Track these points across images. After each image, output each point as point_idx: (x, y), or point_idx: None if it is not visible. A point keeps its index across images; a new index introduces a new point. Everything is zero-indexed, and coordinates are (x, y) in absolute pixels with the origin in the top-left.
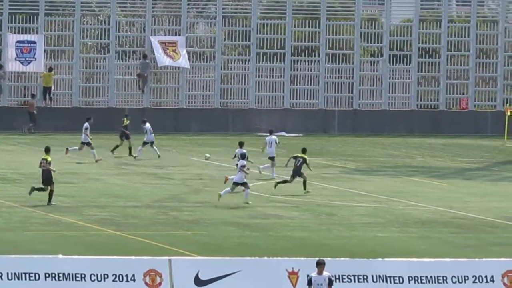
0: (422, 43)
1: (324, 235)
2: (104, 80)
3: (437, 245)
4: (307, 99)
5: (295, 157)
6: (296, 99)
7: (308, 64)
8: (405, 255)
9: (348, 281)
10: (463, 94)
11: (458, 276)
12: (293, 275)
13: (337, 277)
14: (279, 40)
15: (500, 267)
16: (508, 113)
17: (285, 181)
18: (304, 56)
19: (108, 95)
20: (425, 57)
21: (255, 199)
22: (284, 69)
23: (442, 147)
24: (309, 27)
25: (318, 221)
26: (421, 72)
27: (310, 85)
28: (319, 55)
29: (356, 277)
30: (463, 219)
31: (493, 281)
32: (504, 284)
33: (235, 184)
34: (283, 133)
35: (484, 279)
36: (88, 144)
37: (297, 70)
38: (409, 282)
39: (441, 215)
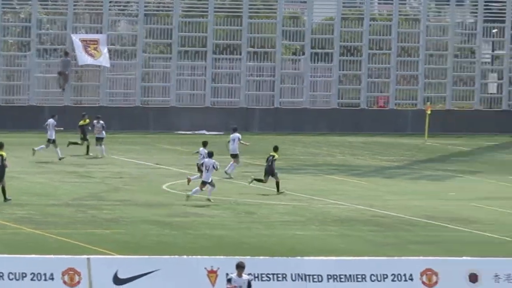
0: (344, 41)
1: (243, 233)
2: (25, 78)
3: (357, 243)
4: (229, 97)
5: (267, 158)
6: (218, 97)
7: (230, 62)
8: (325, 253)
9: (267, 280)
10: (383, 92)
11: (377, 275)
12: (212, 273)
13: (256, 275)
14: (200, 38)
15: (419, 265)
16: (429, 112)
17: (261, 180)
18: (226, 54)
19: (29, 93)
20: (347, 56)
21: (175, 197)
22: (205, 67)
23: (362, 146)
24: (231, 25)
25: (237, 220)
26: (343, 70)
27: (232, 83)
28: (240, 53)
29: (275, 276)
30: (383, 217)
31: (412, 279)
32: (423, 282)
33: (204, 183)
34: (204, 132)
35: (403, 278)
36: (53, 142)
37: (219, 68)
38: (328, 281)
39: (361, 213)
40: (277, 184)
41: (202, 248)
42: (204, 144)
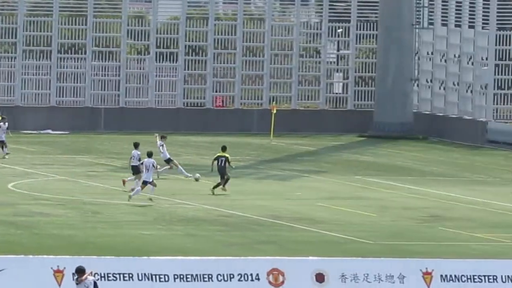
0: (189, 41)
1: (89, 233)
2: None
3: (203, 243)
4: (74, 97)
5: (217, 158)
6: (63, 96)
7: (75, 62)
8: (171, 253)
9: (113, 280)
10: (228, 92)
11: (223, 274)
12: (58, 273)
13: (102, 275)
14: (45, 37)
15: (265, 265)
16: (274, 111)
17: (218, 184)
18: (71, 53)
19: None
20: (192, 55)
21: (20, 197)
22: (50, 66)
23: (208, 145)
24: (75, 24)
25: (83, 219)
26: (188, 70)
27: (77, 82)
28: (85, 53)
29: (121, 276)
30: (229, 217)
31: (258, 279)
32: (269, 282)
33: (145, 183)
34: (49, 131)
35: (250, 277)
36: (3, 142)
37: (64, 67)
38: (174, 280)
39: (207, 213)
40: (227, 180)
41: (49, 248)
42: (136, 145)
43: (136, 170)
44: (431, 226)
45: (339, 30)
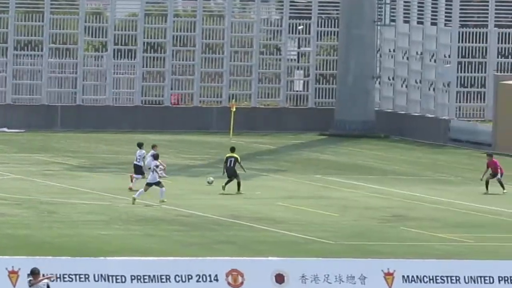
0: (148, 38)
1: (45, 233)
2: None
3: (161, 243)
4: (30, 95)
5: (226, 159)
6: (19, 94)
7: (31, 59)
8: (128, 253)
9: (69, 281)
10: (187, 89)
11: (181, 275)
12: (13, 274)
13: (58, 276)
14: (1, 34)
15: (224, 266)
16: (233, 109)
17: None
18: (27, 50)
19: None
20: (151, 52)
21: None
22: (6, 63)
23: (167, 144)
24: (32, 21)
25: (39, 219)
26: (146, 67)
27: (33, 80)
28: (42, 50)
29: (77, 276)
30: (188, 216)
31: (217, 280)
32: (228, 283)
33: (149, 184)
34: (5, 129)
35: (208, 278)
36: None
37: (20, 64)
38: (131, 281)
39: (166, 213)
40: (238, 185)
41: (3, 248)
42: (139, 145)
43: (138, 171)
44: (393, 226)
45: (300, 27)
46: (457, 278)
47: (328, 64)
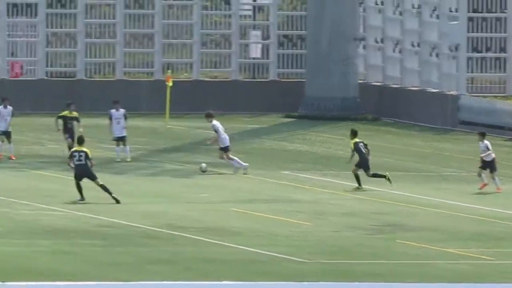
0: None
1: None
2: None
3: (75, 263)
4: None
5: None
6: None
7: None
8: (32, 276)
9: None
10: (104, 57)
11: None
12: None
13: None
14: None
15: None
16: (170, 83)
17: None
18: None
19: None
20: (57, 7)
21: None
22: None
23: (81, 130)
24: None
25: None
26: (51, 27)
27: None
28: None
29: None
30: (111, 227)
31: None
32: None
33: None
34: None
35: None
36: None
37: None
38: None
39: (82, 222)
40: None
41: None
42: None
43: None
44: (387, 238)
45: None
46: None
47: (294, 22)
